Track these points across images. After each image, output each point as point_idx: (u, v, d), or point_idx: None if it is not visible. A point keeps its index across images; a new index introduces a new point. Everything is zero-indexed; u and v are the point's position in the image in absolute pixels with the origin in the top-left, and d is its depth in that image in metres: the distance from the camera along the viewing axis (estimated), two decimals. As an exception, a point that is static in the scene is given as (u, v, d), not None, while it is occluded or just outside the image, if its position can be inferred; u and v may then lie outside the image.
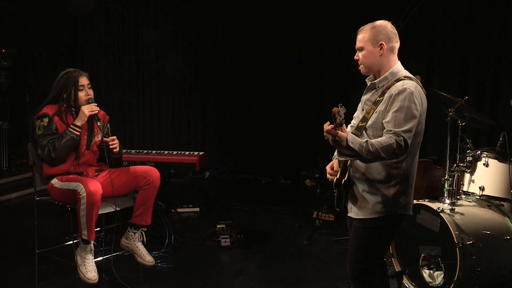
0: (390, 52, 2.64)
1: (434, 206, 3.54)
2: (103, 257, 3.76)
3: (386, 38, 2.62)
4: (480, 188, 3.79)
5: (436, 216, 3.50)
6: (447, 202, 3.68)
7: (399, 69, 2.67)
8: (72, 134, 3.40)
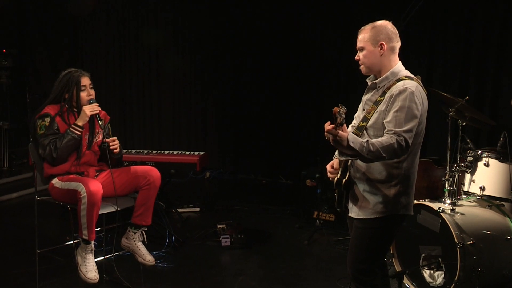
0: (391, 52, 2.64)
1: (435, 206, 3.54)
2: (104, 257, 3.76)
3: (386, 38, 2.62)
4: (480, 188, 3.79)
5: (436, 216, 3.50)
6: (448, 202, 3.69)
7: (400, 69, 2.67)
8: (73, 134, 3.40)
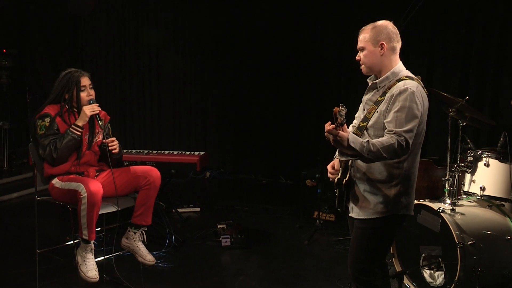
0: (391, 52, 2.64)
1: (435, 206, 3.54)
2: (104, 257, 3.76)
3: (387, 38, 2.62)
4: (481, 188, 3.79)
5: (437, 216, 3.50)
6: (448, 202, 3.68)
7: (401, 69, 2.67)
8: (73, 134, 3.40)
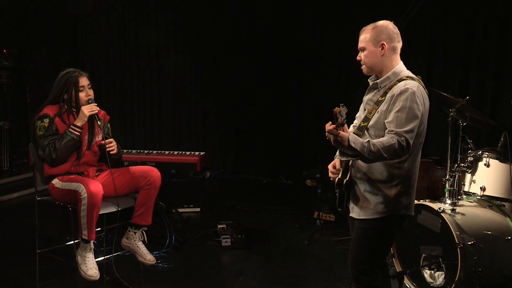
0: (392, 52, 2.64)
1: (435, 206, 3.54)
2: (104, 257, 3.75)
3: (387, 38, 2.62)
4: (481, 188, 3.79)
5: (437, 216, 3.50)
6: (448, 202, 3.68)
7: (402, 69, 2.67)
8: (72, 134, 3.39)
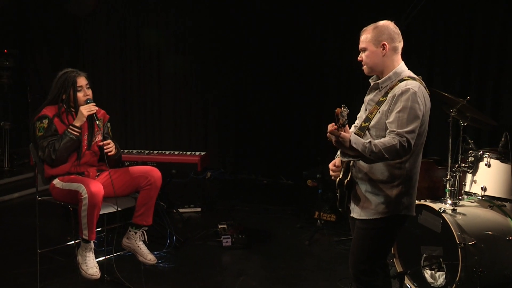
0: (393, 52, 2.63)
1: (436, 206, 3.54)
2: (105, 257, 3.75)
3: (388, 38, 2.61)
4: (482, 188, 3.78)
5: (438, 216, 3.50)
6: (449, 202, 3.68)
7: (403, 69, 2.67)
8: (71, 135, 3.39)
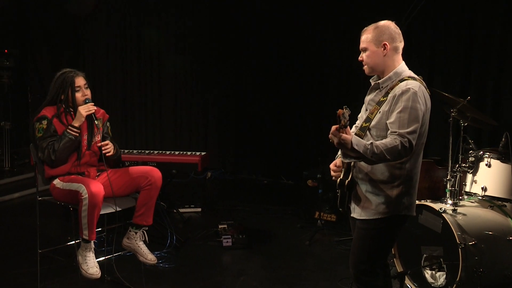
0: (394, 52, 2.63)
1: (436, 206, 3.54)
2: (105, 257, 3.75)
3: (389, 38, 2.61)
4: (482, 188, 3.78)
5: (438, 216, 3.50)
6: (449, 202, 3.68)
7: (403, 69, 2.66)
8: (70, 135, 3.38)
